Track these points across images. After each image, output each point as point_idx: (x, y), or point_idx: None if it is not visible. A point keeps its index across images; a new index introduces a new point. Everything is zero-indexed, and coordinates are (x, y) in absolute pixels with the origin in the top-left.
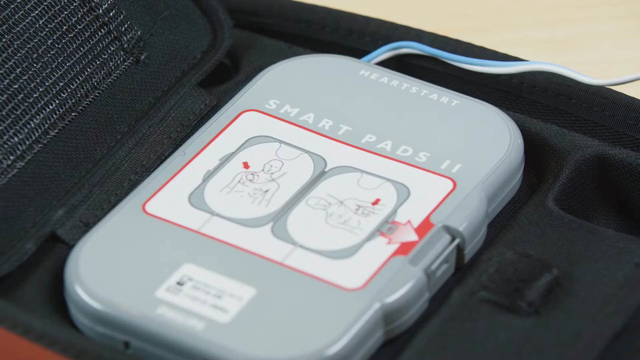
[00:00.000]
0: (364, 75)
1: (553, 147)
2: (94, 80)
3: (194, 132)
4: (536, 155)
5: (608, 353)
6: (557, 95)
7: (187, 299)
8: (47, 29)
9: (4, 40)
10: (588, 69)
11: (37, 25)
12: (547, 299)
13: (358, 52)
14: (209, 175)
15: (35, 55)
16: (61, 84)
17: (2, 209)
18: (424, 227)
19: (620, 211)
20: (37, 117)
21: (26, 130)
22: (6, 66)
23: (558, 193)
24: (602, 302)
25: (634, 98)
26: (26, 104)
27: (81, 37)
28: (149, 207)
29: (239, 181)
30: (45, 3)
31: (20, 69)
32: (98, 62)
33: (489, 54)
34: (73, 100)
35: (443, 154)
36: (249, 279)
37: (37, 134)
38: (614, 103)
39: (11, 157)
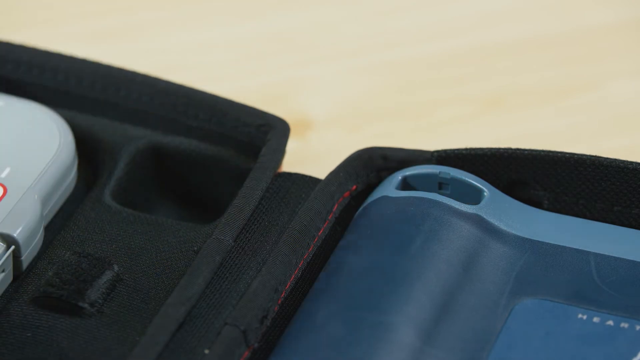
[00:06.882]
0: None
1: (106, 142)
2: None
3: None
4: (90, 151)
5: (173, 343)
6: (105, 87)
7: None
8: None
9: None
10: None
11: None
12: (110, 297)
13: None
14: None
15: None
16: None
17: None
18: None
19: (180, 200)
20: None
21: None
22: None
23: (114, 188)
24: (165, 293)
25: (181, 85)
26: None
27: None
28: None
29: None
30: None
31: None
32: None
33: None
34: None
35: None
36: None
37: None
38: (162, 91)
39: None
